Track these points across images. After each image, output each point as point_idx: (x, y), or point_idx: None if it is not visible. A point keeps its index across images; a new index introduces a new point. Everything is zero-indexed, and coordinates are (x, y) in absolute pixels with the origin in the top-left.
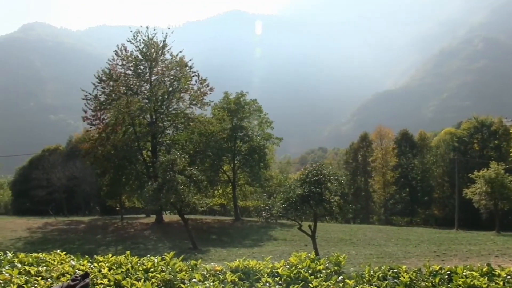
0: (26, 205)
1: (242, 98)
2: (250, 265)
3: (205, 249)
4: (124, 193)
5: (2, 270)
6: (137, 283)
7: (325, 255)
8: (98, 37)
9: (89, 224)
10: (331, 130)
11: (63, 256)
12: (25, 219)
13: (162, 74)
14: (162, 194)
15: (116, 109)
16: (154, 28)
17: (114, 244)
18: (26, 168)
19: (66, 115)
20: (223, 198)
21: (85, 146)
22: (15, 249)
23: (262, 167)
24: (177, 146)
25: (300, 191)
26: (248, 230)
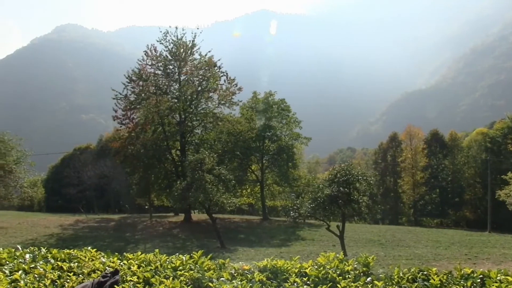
0: (58, 203)
1: (270, 98)
2: (278, 264)
3: (233, 248)
4: (153, 192)
5: (37, 265)
6: (166, 281)
7: (353, 256)
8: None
9: (119, 222)
10: (360, 129)
11: (94, 253)
12: (57, 216)
13: (191, 74)
14: (191, 193)
15: (146, 108)
16: (183, 29)
17: (143, 242)
18: (58, 167)
19: (97, 115)
20: (251, 198)
21: (115, 145)
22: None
23: (290, 166)
24: (206, 145)
25: (329, 191)
26: (276, 229)
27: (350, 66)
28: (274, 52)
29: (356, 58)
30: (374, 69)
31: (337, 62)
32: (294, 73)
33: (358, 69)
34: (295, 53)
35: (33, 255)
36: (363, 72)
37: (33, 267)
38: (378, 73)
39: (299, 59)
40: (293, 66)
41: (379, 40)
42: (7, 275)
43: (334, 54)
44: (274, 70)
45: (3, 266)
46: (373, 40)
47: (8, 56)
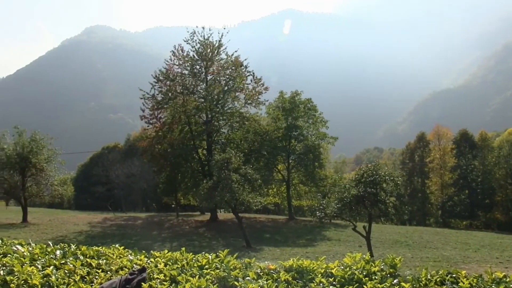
0: (87, 201)
1: (297, 97)
2: (304, 264)
3: (258, 248)
4: (180, 191)
5: (67, 261)
6: (192, 279)
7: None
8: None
9: (146, 220)
10: (387, 129)
11: (121, 250)
12: (86, 214)
13: (217, 73)
14: (217, 192)
15: (173, 108)
16: (210, 29)
17: (170, 240)
18: (87, 165)
19: (125, 114)
20: (277, 197)
21: (142, 144)
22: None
23: (316, 166)
24: (232, 145)
25: (355, 191)
26: (302, 229)
27: (378, 65)
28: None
29: (384, 57)
30: (401, 68)
31: (364, 61)
32: (321, 72)
33: (385, 68)
34: (322, 52)
35: (63, 252)
36: (390, 71)
37: (64, 263)
38: (406, 72)
39: (326, 58)
40: (320, 65)
41: (406, 38)
42: (39, 270)
43: (362, 53)
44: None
45: (36, 261)
46: (400, 38)
47: (40, 57)
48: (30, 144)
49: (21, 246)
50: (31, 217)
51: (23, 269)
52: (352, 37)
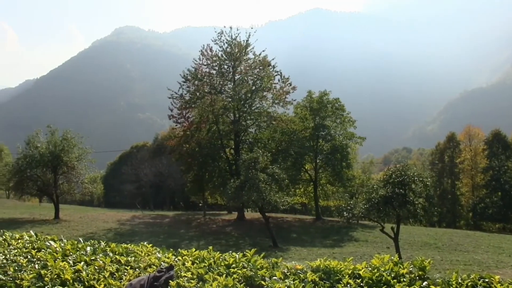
0: (116, 199)
1: (324, 97)
2: (331, 265)
3: (285, 248)
4: (207, 190)
5: (97, 257)
6: (219, 278)
7: (408, 259)
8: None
9: (174, 219)
10: (416, 129)
11: (149, 248)
12: (115, 212)
13: (245, 73)
14: (244, 192)
15: (201, 107)
16: (237, 28)
17: (197, 239)
18: (116, 164)
19: (153, 114)
20: (304, 197)
21: (170, 143)
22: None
23: (344, 166)
24: (260, 144)
25: (383, 191)
26: (329, 230)
27: (406, 64)
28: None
29: (413, 55)
30: (431, 66)
31: (393, 60)
32: (349, 71)
33: (414, 66)
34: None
35: (93, 248)
36: (419, 70)
37: (94, 259)
38: (436, 71)
39: (354, 57)
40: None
41: (436, 36)
42: (71, 265)
43: (390, 52)
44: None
45: (68, 257)
46: (430, 36)
47: (72, 58)
48: (61, 143)
49: (54, 241)
50: (63, 214)
51: (55, 264)
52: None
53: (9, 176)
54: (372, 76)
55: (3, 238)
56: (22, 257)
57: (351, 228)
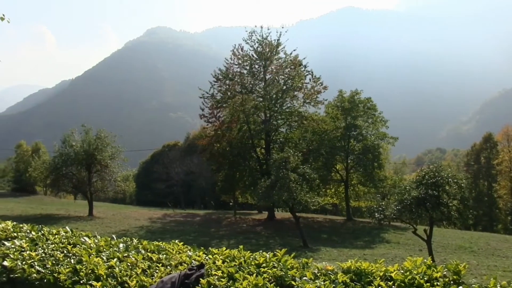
0: (148, 197)
1: (356, 96)
2: (362, 266)
3: (315, 248)
4: (238, 189)
5: (129, 254)
6: (250, 277)
7: (441, 262)
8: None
9: (204, 218)
10: (450, 129)
11: (180, 246)
12: (147, 210)
13: (276, 72)
14: (275, 191)
15: (232, 107)
16: (268, 28)
17: (227, 238)
18: (148, 163)
19: (184, 113)
20: (335, 198)
21: (202, 142)
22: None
23: (376, 167)
24: (290, 144)
25: (416, 193)
26: (360, 231)
27: (441, 62)
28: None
29: (448, 54)
30: (467, 65)
31: (427, 58)
32: (381, 70)
33: (450, 65)
34: (382, 50)
35: (126, 245)
36: (455, 68)
37: (126, 256)
38: (472, 69)
39: (386, 55)
40: (379, 63)
41: (473, 34)
42: (104, 261)
43: (424, 50)
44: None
45: (101, 253)
46: (466, 34)
47: (106, 59)
48: (95, 142)
49: (88, 238)
50: (96, 211)
51: (90, 260)
52: (414, 34)
53: (46, 174)
54: (405, 75)
55: (42, 233)
56: (59, 252)
57: (383, 229)
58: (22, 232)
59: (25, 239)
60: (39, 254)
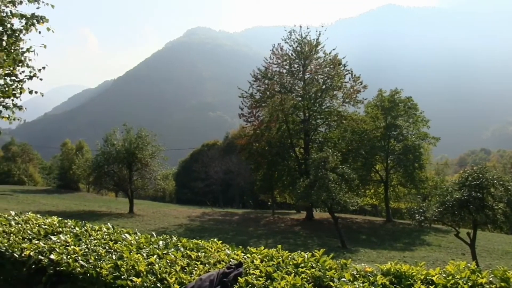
0: (187, 195)
1: (396, 96)
2: (402, 269)
3: (354, 249)
4: (276, 189)
5: (169, 251)
6: (288, 277)
7: (487, 268)
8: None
9: (242, 217)
10: (496, 129)
11: (219, 244)
12: (186, 208)
13: (315, 72)
14: (313, 191)
15: (271, 106)
16: (307, 27)
17: (265, 237)
18: (188, 161)
19: (224, 112)
20: (374, 198)
21: (241, 142)
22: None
23: (416, 167)
24: (330, 143)
25: (459, 195)
26: (400, 232)
27: (486, 60)
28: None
29: (494, 51)
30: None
31: (470, 56)
32: (422, 69)
33: (495, 62)
34: (423, 48)
35: (165, 242)
36: (500, 66)
37: (166, 253)
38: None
39: (428, 53)
40: (421, 61)
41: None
42: (144, 258)
43: (468, 48)
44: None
45: (142, 249)
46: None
47: (147, 59)
48: (136, 141)
49: (129, 234)
50: (137, 208)
51: (130, 256)
52: (457, 31)
53: (89, 171)
54: (448, 73)
55: (85, 229)
56: (101, 248)
57: (423, 231)
58: (66, 228)
59: (69, 234)
60: (82, 249)
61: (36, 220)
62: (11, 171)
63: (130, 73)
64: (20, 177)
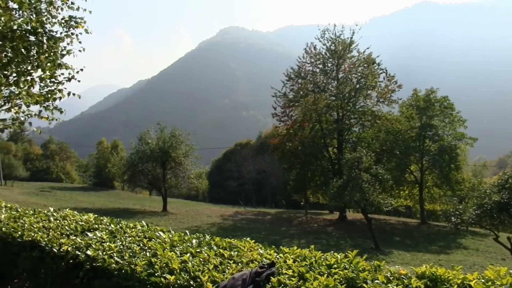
0: (220, 194)
1: (432, 95)
2: (438, 272)
3: (387, 251)
4: (309, 189)
5: (202, 250)
6: (320, 278)
7: None
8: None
9: (275, 216)
10: None
11: (252, 244)
12: (219, 207)
13: (349, 71)
14: (347, 192)
15: (304, 106)
16: (342, 26)
17: (298, 237)
18: (221, 160)
19: (257, 112)
20: (408, 200)
21: (273, 141)
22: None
23: (453, 168)
24: (363, 143)
25: (498, 197)
26: (435, 235)
27: None
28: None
29: None
30: None
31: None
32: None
33: None
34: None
35: (198, 241)
36: None
37: (199, 252)
38: None
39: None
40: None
41: None
42: (178, 256)
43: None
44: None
45: (175, 247)
46: None
47: (180, 59)
48: (170, 140)
49: (163, 232)
50: (170, 207)
51: (164, 254)
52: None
53: (123, 170)
54: (487, 72)
55: (120, 226)
56: (135, 245)
57: (460, 234)
58: (102, 225)
59: (105, 231)
60: (117, 246)
61: (74, 217)
62: (50, 168)
63: (164, 72)
64: (58, 174)
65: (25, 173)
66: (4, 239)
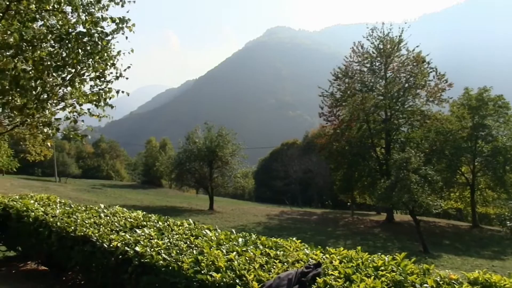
0: (266, 194)
1: (485, 94)
2: (492, 279)
3: (436, 254)
4: (356, 189)
5: (248, 249)
6: (367, 279)
7: None
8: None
9: (321, 216)
10: None
11: (298, 244)
12: (265, 206)
13: (397, 70)
14: (394, 193)
15: (351, 105)
16: (391, 24)
17: (344, 238)
18: (267, 160)
19: (303, 111)
20: (459, 202)
21: (320, 141)
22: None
23: (507, 170)
24: (412, 144)
25: None
26: (488, 239)
27: None
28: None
29: None
30: None
31: None
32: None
33: None
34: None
35: (245, 240)
36: None
37: (245, 250)
38: None
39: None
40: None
41: None
42: (224, 254)
43: None
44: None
45: (221, 246)
46: None
47: (227, 59)
48: (217, 139)
49: (209, 231)
50: (216, 205)
51: (211, 252)
52: None
53: (171, 168)
54: None
55: (167, 223)
56: (182, 242)
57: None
58: (150, 222)
59: (153, 228)
60: (165, 243)
61: (123, 214)
62: (100, 166)
63: (211, 73)
64: (108, 172)
65: (77, 171)
66: (59, 233)
